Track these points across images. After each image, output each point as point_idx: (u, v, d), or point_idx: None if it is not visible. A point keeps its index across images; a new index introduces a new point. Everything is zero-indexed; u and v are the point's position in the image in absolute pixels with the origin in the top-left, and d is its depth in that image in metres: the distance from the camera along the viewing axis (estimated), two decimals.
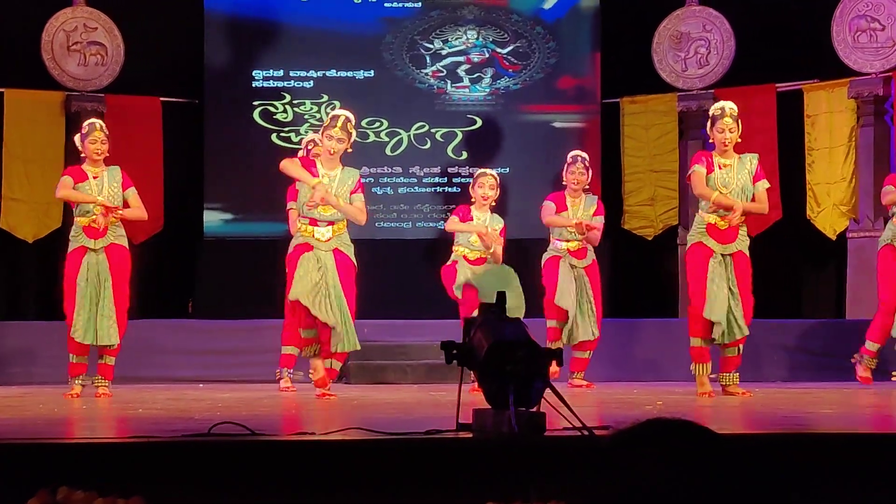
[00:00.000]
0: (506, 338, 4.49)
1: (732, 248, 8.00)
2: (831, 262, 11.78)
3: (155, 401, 7.54)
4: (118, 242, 8.37)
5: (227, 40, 11.92)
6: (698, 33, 11.92)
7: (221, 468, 4.02)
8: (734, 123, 8.03)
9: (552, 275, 9.15)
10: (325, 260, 7.86)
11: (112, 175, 8.40)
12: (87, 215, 8.31)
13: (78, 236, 8.36)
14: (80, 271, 8.28)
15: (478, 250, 9.00)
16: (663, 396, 7.77)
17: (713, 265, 7.97)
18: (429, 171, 11.95)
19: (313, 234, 7.89)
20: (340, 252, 7.90)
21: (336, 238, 7.91)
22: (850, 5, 11.24)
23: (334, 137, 7.95)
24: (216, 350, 10.18)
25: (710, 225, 8.02)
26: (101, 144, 8.39)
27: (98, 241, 8.32)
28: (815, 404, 7.11)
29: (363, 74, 11.94)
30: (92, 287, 8.27)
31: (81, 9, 11.49)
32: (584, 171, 9.20)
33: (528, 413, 4.44)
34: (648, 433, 1.84)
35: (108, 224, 8.29)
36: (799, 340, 10.38)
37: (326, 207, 7.89)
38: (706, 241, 8.01)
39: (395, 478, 4.01)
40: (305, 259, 7.84)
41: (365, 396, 8.05)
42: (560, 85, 12.13)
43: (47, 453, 4.15)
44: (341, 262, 7.88)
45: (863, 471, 4.18)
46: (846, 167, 11.19)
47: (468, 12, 12.08)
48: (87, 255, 8.30)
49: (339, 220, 7.94)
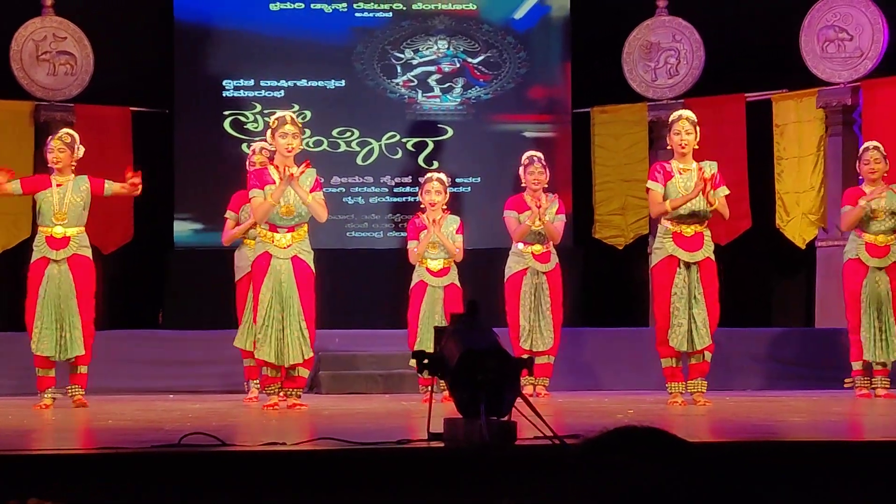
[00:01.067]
0: (477, 347, 4.50)
1: (699, 255, 8.00)
2: (800, 270, 11.84)
3: (125, 412, 7.51)
4: (81, 253, 8.27)
5: (197, 50, 11.90)
6: (668, 43, 11.97)
7: (192, 479, 4.01)
8: (691, 127, 8.08)
9: (513, 296, 9.12)
10: (282, 273, 7.75)
11: (77, 185, 8.29)
12: (50, 225, 8.24)
13: (41, 246, 8.27)
14: (41, 283, 8.20)
15: (440, 258, 8.92)
16: (634, 405, 7.78)
17: (678, 283, 7.96)
18: (400, 180, 11.95)
19: (273, 241, 7.79)
20: (299, 259, 7.80)
21: (296, 245, 7.81)
22: (818, 16, 11.31)
23: (289, 134, 7.77)
24: (186, 360, 10.14)
25: (676, 233, 8.02)
26: (57, 153, 8.27)
27: (60, 251, 8.21)
28: (785, 412, 7.14)
29: (334, 84, 11.94)
30: (52, 300, 8.16)
31: (51, 18, 11.45)
32: (542, 171, 9.19)
33: (499, 422, 4.44)
34: (618, 441, 1.85)
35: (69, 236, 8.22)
36: (769, 349, 10.41)
37: (288, 211, 7.78)
38: (675, 251, 8.00)
39: (366, 488, 4.01)
40: (266, 288, 7.74)
41: (336, 406, 8.03)
42: (531, 94, 12.16)
43: (16, 464, 4.12)
44: (300, 270, 7.78)
45: (831, 478, 4.20)
46: (815, 176, 11.25)
47: (439, 22, 12.10)
48: (50, 267, 8.20)
49: (298, 227, 7.84)
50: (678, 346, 7.94)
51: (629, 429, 1.89)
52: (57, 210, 8.22)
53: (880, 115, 10.91)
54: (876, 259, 8.90)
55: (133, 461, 4.17)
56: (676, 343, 7.94)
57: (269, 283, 7.75)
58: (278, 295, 7.74)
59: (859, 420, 6.98)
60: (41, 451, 4.90)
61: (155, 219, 11.65)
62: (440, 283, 8.91)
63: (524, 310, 9.08)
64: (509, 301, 9.13)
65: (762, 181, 11.38)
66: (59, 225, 8.23)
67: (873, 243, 8.91)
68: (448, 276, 8.94)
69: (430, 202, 8.97)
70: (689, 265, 7.99)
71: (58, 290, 8.19)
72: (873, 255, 8.90)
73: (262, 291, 7.75)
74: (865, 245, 8.92)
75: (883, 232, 8.91)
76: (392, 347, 9.94)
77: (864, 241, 8.93)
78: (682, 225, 8.01)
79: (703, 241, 8.03)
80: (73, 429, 6.58)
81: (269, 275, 7.76)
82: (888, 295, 8.88)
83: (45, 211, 8.25)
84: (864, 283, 8.89)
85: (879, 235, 8.91)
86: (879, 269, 8.90)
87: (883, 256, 8.91)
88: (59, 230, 8.23)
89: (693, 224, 8.01)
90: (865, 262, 8.90)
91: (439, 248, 8.91)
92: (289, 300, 7.74)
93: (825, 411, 7.33)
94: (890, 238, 8.92)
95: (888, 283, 8.89)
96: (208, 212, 11.61)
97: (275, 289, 7.75)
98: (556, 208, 9.17)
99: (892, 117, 10.84)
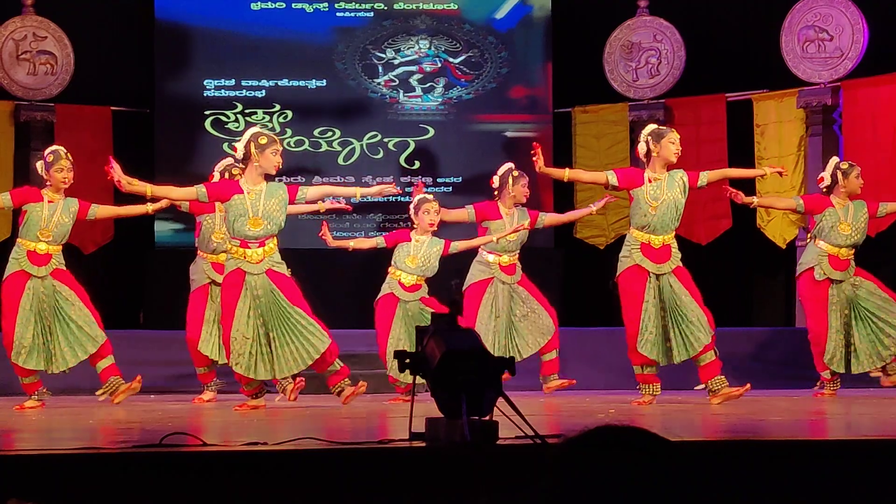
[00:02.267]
0: (458, 347, 4.50)
1: (667, 267, 7.98)
2: (781, 270, 11.87)
3: (106, 412, 7.49)
4: (60, 268, 8.25)
5: (178, 49, 11.89)
6: (649, 43, 12.00)
7: (173, 479, 4.01)
8: None
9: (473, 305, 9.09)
10: (258, 289, 7.62)
11: (67, 206, 8.26)
12: (34, 240, 8.20)
13: (21, 259, 8.19)
14: (23, 296, 8.11)
15: (414, 274, 8.91)
16: (615, 405, 7.80)
17: (649, 292, 7.96)
18: (381, 180, 11.92)
19: (245, 256, 7.64)
20: (274, 272, 7.68)
21: (267, 259, 7.66)
22: (798, 16, 11.35)
23: (280, 151, 7.74)
24: (167, 361, 10.11)
25: (644, 244, 8.01)
26: (67, 172, 8.22)
27: (42, 268, 8.17)
28: (765, 412, 7.16)
29: (315, 84, 11.94)
30: (37, 315, 8.11)
31: (31, 18, 11.42)
32: (527, 186, 9.20)
33: (480, 422, 4.45)
34: (598, 440, 1.85)
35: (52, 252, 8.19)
36: (749, 348, 10.43)
37: (256, 223, 7.71)
38: (642, 262, 8.00)
39: (347, 487, 4.01)
40: (243, 303, 7.63)
41: (317, 406, 8.03)
42: (512, 94, 12.18)
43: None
44: (279, 281, 7.67)
45: (811, 477, 4.21)
46: (795, 176, 11.28)
47: (420, 22, 12.11)
48: (31, 282, 8.14)
49: (268, 239, 7.68)
50: (649, 353, 7.94)
51: (609, 427, 1.89)
52: (44, 227, 8.17)
53: (860, 115, 10.96)
54: (839, 272, 8.88)
55: (114, 461, 4.16)
56: (646, 351, 7.93)
57: (245, 300, 7.63)
58: (256, 310, 7.64)
59: (839, 419, 7.01)
60: (21, 451, 4.89)
61: (135, 218, 11.60)
62: (412, 298, 8.91)
63: (482, 318, 9.03)
64: (468, 310, 9.08)
65: (743, 181, 11.38)
66: (44, 242, 8.18)
67: (836, 256, 8.88)
68: (420, 292, 8.93)
69: (429, 222, 8.90)
70: (658, 276, 7.98)
71: (42, 305, 8.13)
72: (836, 269, 8.88)
73: (239, 307, 7.61)
74: (829, 258, 8.88)
75: (846, 246, 8.88)
76: (373, 347, 9.93)
77: (826, 254, 8.89)
78: (651, 236, 7.99)
79: (670, 252, 8.01)
80: (53, 429, 6.56)
81: (245, 290, 7.63)
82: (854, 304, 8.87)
83: (32, 224, 8.17)
84: (830, 293, 8.88)
85: (842, 249, 8.88)
86: (839, 283, 8.88)
87: (845, 269, 8.89)
88: (43, 247, 8.19)
89: (661, 235, 7.99)
90: (828, 275, 8.87)
91: (419, 264, 8.87)
92: (276, 314, 7.64)
93: (805, 410, 7.36)
94: (851, 252, 8.90)
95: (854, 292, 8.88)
96: None
97: (252, 305, 7.65)
98: (527, 221, 9.14)
99: (871, 117, 10.90)
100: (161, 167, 11.71)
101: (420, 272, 8.88)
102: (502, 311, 9.07)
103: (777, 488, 4.16)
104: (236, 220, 7.63)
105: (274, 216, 7.68)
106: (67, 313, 8.18)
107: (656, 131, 8.13)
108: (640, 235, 7.99)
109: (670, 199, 7.95)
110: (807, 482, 4.20)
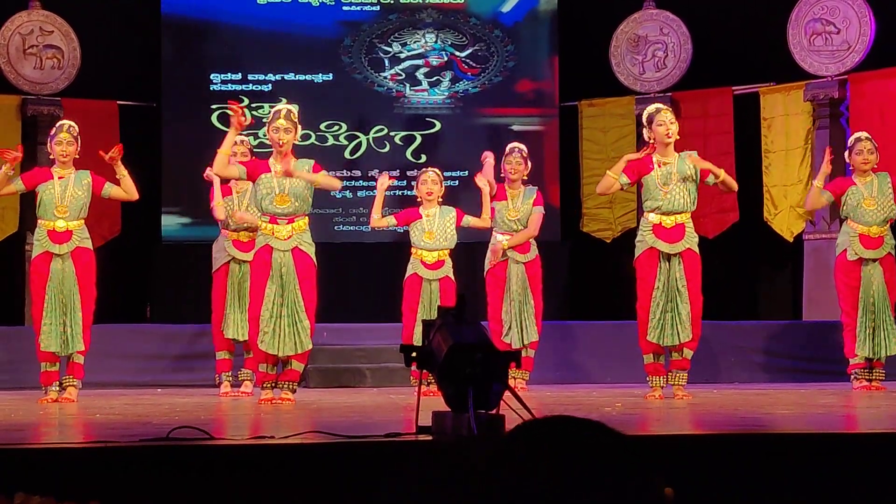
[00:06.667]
0: (465, 341, 4.50)
1: (680, 247, 8.01)
2: (788, 263, 11.86)
3: (113, 406, 7.50)
4: (83, 245, 8.18)
5: (184, 43, 11.89)
6: (656, 37, 11.98)
7: (180, 472, 4.01)
8: (672, 116, 8.14)
9: (496, 287, 9.10)
10: (283, 266, 7.70)
11: (79, 179, 8.23)
12: (51, 219, 8.19)
13: (42, 241, 8.16)
14: (47, 279, 8.08)
15: (434, 250, 8.95)
16: (622, 398, 7.79)
17: (660, 277, 7.98)
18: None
19: (273, 232, 7.69)
20: (300, 251, 7.69)
21: (296, 236, 7.70)
22: (805, 9, 11.33)
23: (281, 128, 7.71)
24: (174, 354, 10.14)
25: (656, 225, 8.06)
26: (66, 146, 8.20)
27: (63, 245, 8.12)
28: (772, 405, 7.15)
29: (322, 78, 11.93)
30: (56, 295, 8.07)
31: (37, 12, 11.42)
32: (521, 161, 9.17)
33: (487, 415, 4.45)
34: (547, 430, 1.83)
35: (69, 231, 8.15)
36: (756, 342, 10.43)
37: (283, 200, 7.72)
38: (655, 243, 8.03)
39: (354, 481, 4.01)
40: (271, 282, 7.63)
41: (324, 400, 8.03)
42: (518, 88, 12.17)
43: (3, 458, 4.12)
44: (301, 262, 7.68)
45: (819, 470, 4.21)
46: (802, 169, 11.27)
47: (427, 15, 12.10)
48: (54, 262, 8.10)
49: (298, 217, 7.75)
50: (658, 340, 7.95)
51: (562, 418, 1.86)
52: (59, 203, 8.13)
53: (867, 108, 10.94)
54: (870, 251, 8.84)
55: (122, 455, 4.17)
56: (656, 337, 7.95)
57: (274, 277, 7.68)
58: (280, 287, 7.68)
59: (847, 412, 7.00)
60: (28, 445, 4.90)
61: (142, 213, 11.62)
62: (435, 276, 8.92)
63: (506, 303, 9.05)
64: (490, 288, 9.11)
65: (750, 174, 11.39)
66: (61, 218, 8.15)
67: (867, 234, 8.85)
68: (443, 269, 8.95)
69: (427, 192, 8.97)
70: (669, 257, 8.00)
71: (61, 286, 8.10)
72: (867, 247, 8.83)
73: (269, 285, 7.67)
74: (859, 237, 8.85)
75: (877, 223, 8.85)
76: (380, 341, 9.95)
77: (857, 233, 8.85)
78: (663, 216, 8.03)
79: (684, 232, 8.03)
80: (60, 423, 6.57)
81: (273, 270, 7.67)
82: (882, 288, 8.80)
83: (47, 203, 8.14)
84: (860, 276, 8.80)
85: (873, 227, 8.84)
86: (873, 261, 8.81)
87: (877, 248, 8.85)
88: (62, 224, 8.15)
89: (673, 215, 8.02)
90: (859, 254, 8.82)
91: (436, 237, 8.92)
92: (288, 292, 7.65)
93: (813, 404, 7.35)
94: (883, 229, 8.85)
95: (882, 275, 8.81)
96: (195, 206, 11.58)
97: (277, 281, 7.68)
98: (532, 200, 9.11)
99: (879, 110, 10.88)
100: (167, 161, 11.71)
101: (440, 245, 8.92)
102: (515, 294, 9.06)
103: (785, 481, 4.16)
104: (264, 199, 7.71)
105: (301, 193, 7.71)
106: (74, 299, 8.13)
107: (648, 117, 8.23)
108: (653, 217, 8.05)
109: (679, 179, 8.01)
110: (814, 476, 4.19)
